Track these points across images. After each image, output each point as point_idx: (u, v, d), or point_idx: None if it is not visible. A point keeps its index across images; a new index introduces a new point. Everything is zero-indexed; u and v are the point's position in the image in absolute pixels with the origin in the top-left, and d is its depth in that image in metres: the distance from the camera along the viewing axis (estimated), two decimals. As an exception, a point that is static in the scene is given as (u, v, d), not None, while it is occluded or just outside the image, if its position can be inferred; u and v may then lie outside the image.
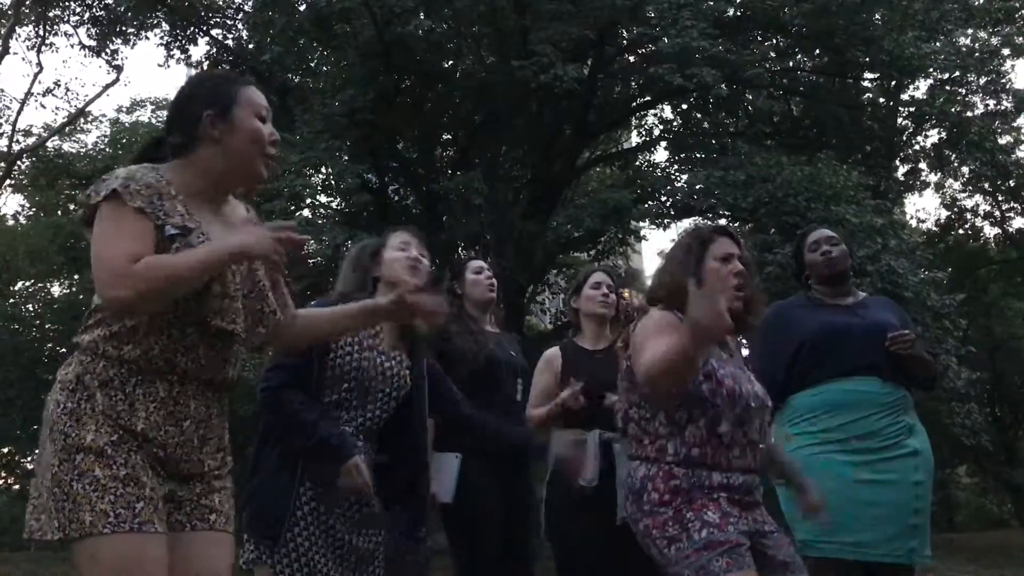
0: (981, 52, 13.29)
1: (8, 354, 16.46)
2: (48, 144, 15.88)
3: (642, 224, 13.41)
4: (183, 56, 14.25)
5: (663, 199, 13.18)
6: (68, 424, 1.72)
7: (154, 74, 78.85)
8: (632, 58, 12.83)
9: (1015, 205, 17.13)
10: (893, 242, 9.86)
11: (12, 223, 19.49)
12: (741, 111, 14.21)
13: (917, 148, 14.97)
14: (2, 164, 15.68)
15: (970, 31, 14.22)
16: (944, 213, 18.60)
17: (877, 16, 11.75)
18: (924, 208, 63.43)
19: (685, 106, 14.12)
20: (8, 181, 16.51)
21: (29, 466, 18.95)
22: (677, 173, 14.43)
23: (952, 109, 12.80)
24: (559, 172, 13.03)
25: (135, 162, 1.89)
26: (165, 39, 14.05)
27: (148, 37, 14.33)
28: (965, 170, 15.45)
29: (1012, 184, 15.64)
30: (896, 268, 9.31)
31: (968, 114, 13.04)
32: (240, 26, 14.30)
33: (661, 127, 15.19)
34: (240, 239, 1.77)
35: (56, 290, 19.47)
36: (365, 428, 2.60)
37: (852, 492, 2.92)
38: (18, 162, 16.15)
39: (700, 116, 14.38)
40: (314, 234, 11.39)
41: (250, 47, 13.73)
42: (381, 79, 11.61)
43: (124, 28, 14.22)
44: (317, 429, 2.45)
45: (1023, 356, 16.95)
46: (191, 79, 2.08)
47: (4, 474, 21.35)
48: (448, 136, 14.53)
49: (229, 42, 14.29)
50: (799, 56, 13.76)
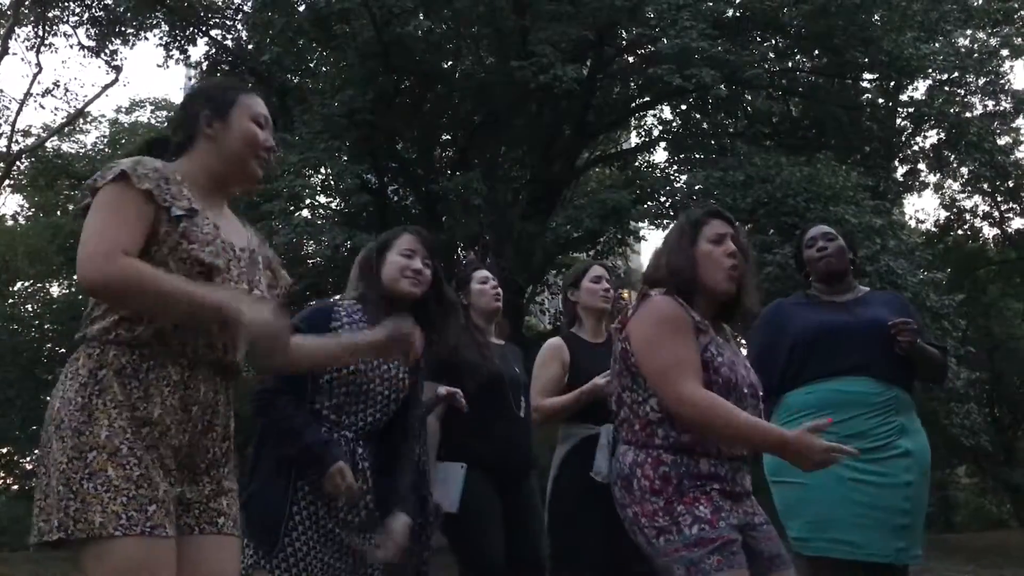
0: (980, 53, 13.29)
1: (7, 354, 16.48)
2: (47, 144, 15.90)
3: (641, 224, 13.43)
4: (182, 57, 14.26)
5: (662, 199, 13.19)
6: (81, 420, 1.69)
7: (153, 75, 79.01)
8: (631, 59, 12.84)
9: (1014, 206, 17.13)
10: (892, 243, 9.87)
11: (11, 223, 19.50)
12: (740, 112, 14.22)
13: (916, 149, 14.98)
14: (1, 164, 15.67)
15: (969, 32, 14.22)
16: (943, 214, 18.65)
17: (876, 17, 11.76)
18: (923, 209, 63.48)
19: (684, 107, 14.14)
20: (7, 181, 16.52)
21: (28, 466, 18.94)
22: (676, 174, 14.44)
23: (951, 110, 12.81)
24: (558, 172, 13.03)
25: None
26: (164, 40, 14.06)
27: (147, 38, 14.36)
28: (964, 171, 15.45)
29: (1011, 185, 15.65)
30: (895, 268, 9.32)
31: (967, 115, 13.04)
32: (239, 26, 14.30)
33: (660, 128, 15.21)
34: (244, 306, 1.73)
35: (55, 290, 19.51)
36: (365, 432, 2.59)
37: (841, 491, 2.91)
38: (17, 162, 16.16)
39: (699, 117, 14.40)
40: (313, 235, 11.41)
41: (249, 47, 13.73)
42: (380, 79, 11.61)
43: (123, 28, 14.22)
44: (302, 436, 2.45)
45: (1022, 356, 16.94)
46: (197, 84, 2.13)
47: (3, 474, 21.35)
48: (447, 136, 14.54)
49: (228, 43, 14.29)
50: (798, 57, 13.77)
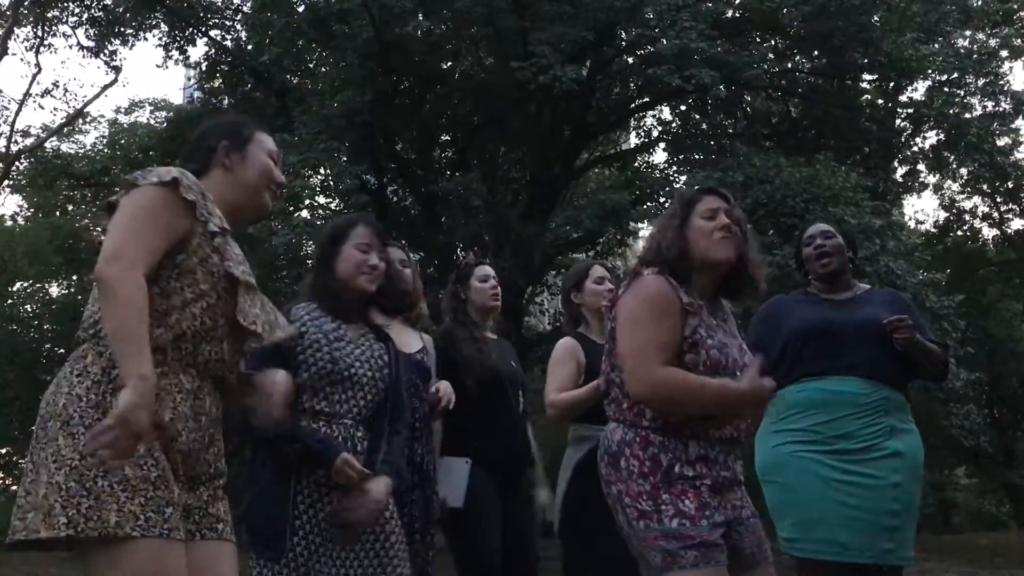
0: (979, 54, 13.28)
1: (7, 354, 16.45)
2: (46, 145, 15.86)
3: (640, 225, 13.44)
4: (182, 57, 14.27)
5: (661, 200, 13.19)
6: (94, 417, 1.65)
7: (153, 75, 79.09)
8: (631, 59, 12.82)
9: (1013, 206, 17.16)
10: (892, 243, 9.86)
11: (10, 223, 19.46)
12: (740, 112, 14.22)
13: (915, 149, 14.96)
14: (1, 164, 15.66)
15: (968, 33, 14.22)
16: (943, 214, 18.67)
17: (876, 18, 11.76)
18: (923, 209, 63.26)
19: (684, 107, 14.14)
20: (6, 182, 16.50)
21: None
22: (675, 174, 14.45)
23: (950, 111, 12.79)
24: (558, 173, 13.03)
25: None
26: (164, 40, 14.05)
27: (147, 38, 14.33)
28: (963, 171, 15.45)
29: (1010, 186, 15.67)
30: (895, 269, 9.31)
31: (966, 116, 13.01)
32: (239, 27, 14.29)
33: (660, 128, 15.21)
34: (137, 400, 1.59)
35: (54, 291, 19.49)
36: (361, 417, 2.57)
37: (828, 491, 2.91)
38: (16, 163, 16.14)
39: (699, 117, 14.40)
40: (313, 235, 11.40)
41: (249, 48, 13.73)
42: (380, 80, 11.61)
43: (123, 29, 14.21)
44: (299, 440, 2.43)
45: (1021, 357, 16.95)
46: (212, 119, 2.18)
47: (2, 475, 21.33)
48: (447, 137, 14.54)
49: (228, 43, 14.28)
50: (798, 57, 13.77)
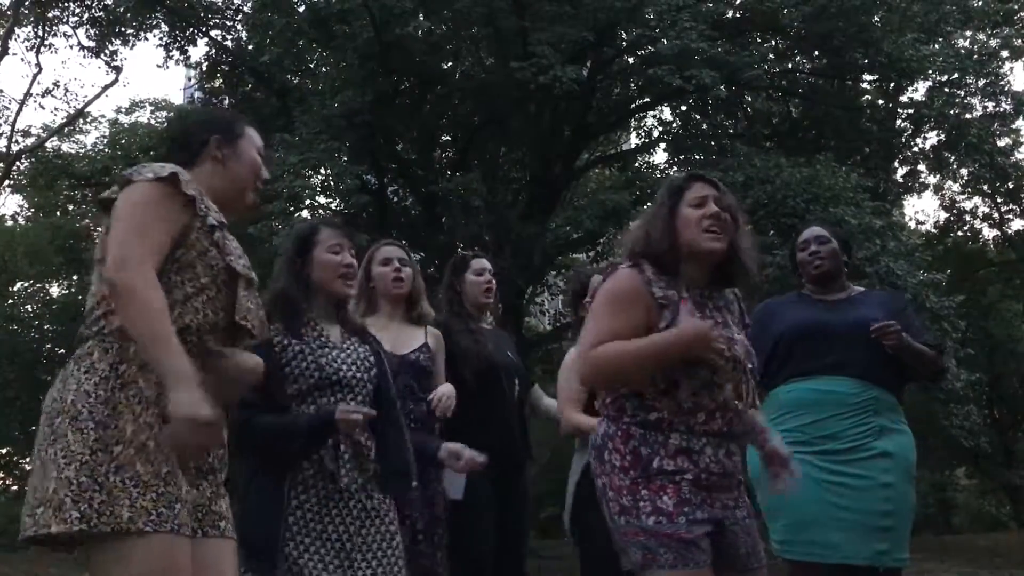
0: (980, 54, 13.29)
1: (7, 355, 16.47)
2: (47, 145, 15.84)
3: (641, 225, 13.41)
4: (182, 57, 14.24)
5: (662, 201, 13.16)
6: (104, 413, 1.66)
7: (153, 75, 79.11)
8: (631, 59, 12.82)
9: (1014, 207, 17.14)
10: (892, 244, 9.86)
11: (11, 223, 19.48)
12: (740, 113, 14.22)
13: (916, 150, 14.95)
14: (1, 164, 15.67)
15: (969, 33, 14.23)
16: (943, 215, 18.68)
17: (876, 18, 11.75)
18: (923, 210, 63.25)
19: (684, 108, 14.13)
20: (7, 182, 16.51)
21: (28, 467, 18.94)
22: (676, 175, 14.42)
23: (951, 111, 12.78)
24: (558, 173, 13.03)
25: None
26: (164, 40, 14.03)
27: (147, 38, 14.31)
28: (964, 172, 15.44)
29: (1011, 186, 15.65)
30: (895, 270, 9.31)
31: (967, 116, 13.00)
32: (239, 27, 14.27)
33: (660, 129, 15.20)
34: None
35: (55, 291, 19.52)
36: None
37: (818, 493, 2.90)
38: (17, 162, 16.14)
39: (699, 118, 14.39)
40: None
41: (249, 48, 13.71)
42: (380, 80, 11.60)
43: (123, 29, 14.20)
44: (297, 424, 2.43)
45: (1021, 357, 16.94)
46: (202, 111, 2.18)
47: (2, 475, 21.35)
48: (447, 137, 14.54)
49: (228, 43, 14.27)
50: (798, 58, 13.76)
